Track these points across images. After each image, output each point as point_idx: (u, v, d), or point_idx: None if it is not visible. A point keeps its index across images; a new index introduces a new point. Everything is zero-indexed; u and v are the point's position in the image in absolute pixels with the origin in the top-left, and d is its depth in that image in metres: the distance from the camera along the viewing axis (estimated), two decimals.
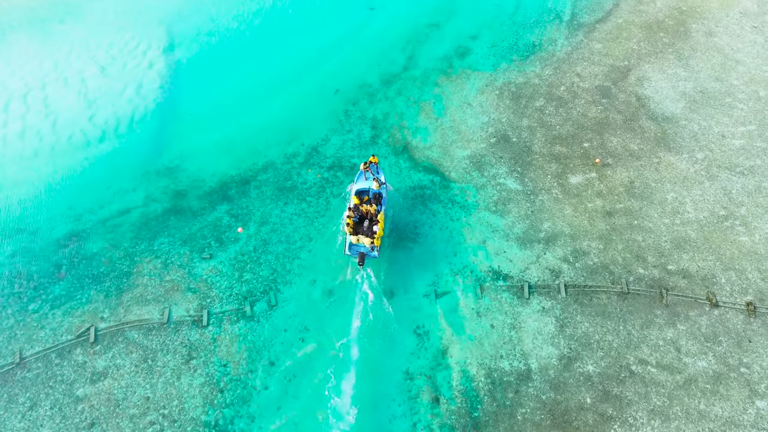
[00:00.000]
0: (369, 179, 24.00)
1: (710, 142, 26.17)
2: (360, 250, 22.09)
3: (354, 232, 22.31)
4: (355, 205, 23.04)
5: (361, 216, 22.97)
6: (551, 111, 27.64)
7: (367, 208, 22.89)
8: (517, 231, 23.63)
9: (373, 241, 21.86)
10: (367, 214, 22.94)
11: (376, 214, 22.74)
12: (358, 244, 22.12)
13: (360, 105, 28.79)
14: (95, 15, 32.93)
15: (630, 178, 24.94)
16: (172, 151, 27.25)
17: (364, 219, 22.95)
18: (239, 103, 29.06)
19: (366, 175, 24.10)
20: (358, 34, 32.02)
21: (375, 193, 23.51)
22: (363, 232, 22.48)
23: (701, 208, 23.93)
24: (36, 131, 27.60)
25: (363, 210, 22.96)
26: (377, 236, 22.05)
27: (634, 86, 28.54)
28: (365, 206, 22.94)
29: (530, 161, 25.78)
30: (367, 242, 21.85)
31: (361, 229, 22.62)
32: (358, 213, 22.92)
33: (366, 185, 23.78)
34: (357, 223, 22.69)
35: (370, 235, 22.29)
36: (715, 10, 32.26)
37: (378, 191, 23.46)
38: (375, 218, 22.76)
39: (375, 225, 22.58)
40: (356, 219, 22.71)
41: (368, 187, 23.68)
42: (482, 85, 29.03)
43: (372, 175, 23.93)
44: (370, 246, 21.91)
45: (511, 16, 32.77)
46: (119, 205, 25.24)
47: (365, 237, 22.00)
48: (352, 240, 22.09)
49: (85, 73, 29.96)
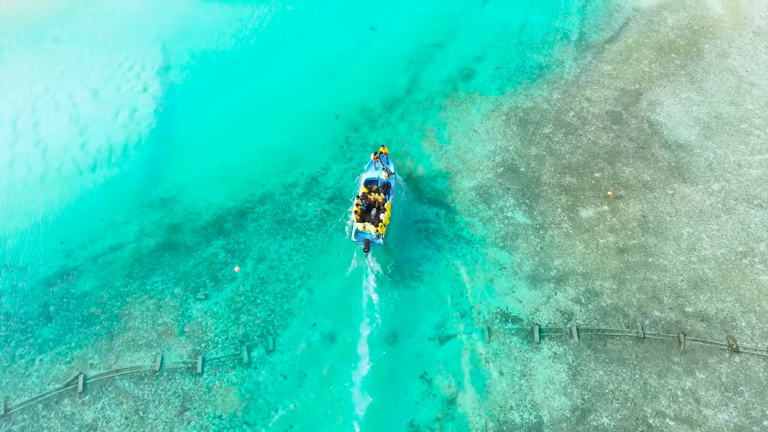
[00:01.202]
0: (379, 169, 24.57)
1: (726, 171, 25.13)
2: (365, 237, 22.64)
3: (361, 219, 22.96)
4: (363, 194, 23.67)
5: (369, 204, 23.54)
6: (560, 138, 26.61)
7: (375, 197, 23.46)
8: (526, 269, 22.62)
9: (378, 229, 22.37)
10: (375, 202, 23.51)
11: (384, 202, 23.29)
12: (364, 232, 22.73)
13: (361, 131, 27.77)
14: (88, 35, 31.92)
15: (643, 212, 23.91)
16: (166, 180, 26.23)
17: (372, 207, 23.55)
18: (236, 129, 28.03)
19: (376, 165, 24.68)
20: (358, 55, 30.98)
21: (384, 183, 24.04)
22: (370, 220, 23.10)
23: (718, 245, 22.90)
24: (25, 160, 26.59)
25: (371, 199, 23.55)
26: (382, 224, 22.52)
27: (646, 111, 27.50)
28: (373, 195, 23.53)
29: (539, 193, 24.75)
30: (373, 230, 22.45)
31: (368, 217, 23.26)
32: (366, 201, 23.51)
33: (375, 175, 24.41)
34: (364, 211, 23.34)
35: (377, 223, 22.83)
36: (728, 29, 31.21)
37: (387, 181, 24.05)
38: (382, 207, 23.31)
39: (382, 213, 23.13)
40: (364, 207, 23.37)
41: (377, 177, 24.23)
42: (488, 110, 28.00)
43: (382, 165, 24.42)
44: (376, 234, 22.50)
45: (517, 35, 31.72)
46: (112, 240, 24.23)
47: (371, 225, 22.57)
48: (358, 227, 22.80)
49: (77, 97, 28.93)
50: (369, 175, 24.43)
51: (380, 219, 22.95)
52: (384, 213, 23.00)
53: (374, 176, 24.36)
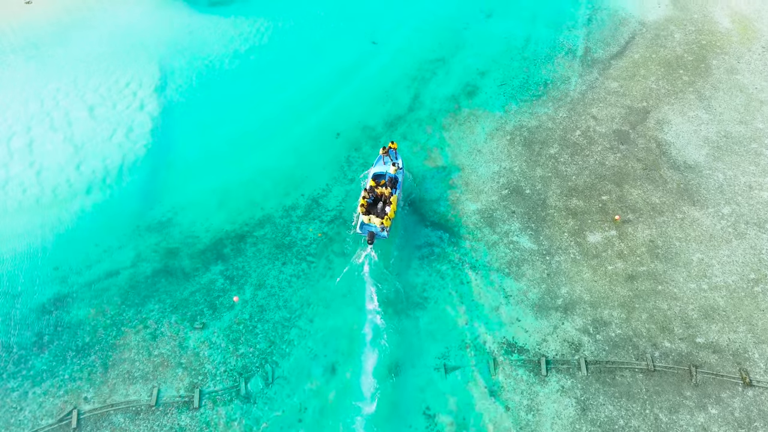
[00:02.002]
0: (387, 164, 25.02)
1: (737, 194, 24.54)
2: (370, 229, 23.15)
3: (367, 212, 23.29)
4: (371, 187, 24.06)
5: (376, 198, 23.93)
6: (566, 159, 26.01)
7: (382, 191, 23.86)
8: (533, 297, 22.03)
9: (383, 222, 22.83)
10: (382, 196, 23.89)
11: (390, 196, 23.67)
12: (369, 224, 23.16)
13: (363, 151, 27.17)
14: (84, 50, 31.28)
15: (652, 237, 23.33)
16: (164, 202, 25.63)
17: (379, 201, 23.92)
18: (235, 148, 27.42)
19: (384, 159, 25.05)
20: (360, 71, 30.36)
21: (391, 177, 24.32)
22: (375, 213, 23.46)
23: (730, 271, 22.31)
24: (20, 181, 25.99)
25: (378, 192, 23.92)
26: (387, 217, 23.04)
27: (654, 131, 26.91)
28: (381, 189, 23.92)
29: (545, 216, 24.17)
30: (378, 222, 22.87)
31: (374, 210, 23.66)
32: (373, 195, 23.90)
33: (384, 169, 24.88)
34: (371, 204, 23.75)
35: (382, 216, 23.25)
36: (736, 44, 30.60)
37: (394, 176, 24.36)
38: (388, 200, 23.65)
39: (388, 207, 23.51)
40: (371, 200, 23.74)
41: (385, 171, 24.71)
42: (492, 129, 27.40)
43: (390, 160, 24.82)
44: (380, 226, 22.95)
45: (521, 50, 31.10)
46: (107, 266, 23.62)
47: (377, 217, 22.98)
48: (364, 219, 23.15)
49: (73, 115, 28.31)
50: (377, 170, 24.98)
51: (386, 212, 23.42)
52: (390, 206, 23.49)
53: (382, 171, 24.91)
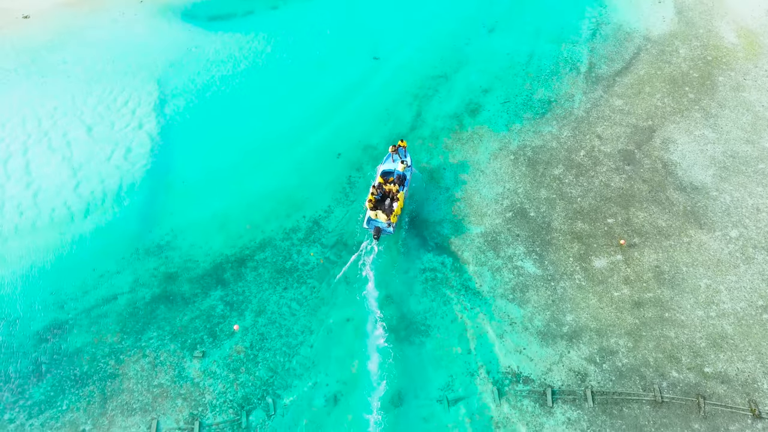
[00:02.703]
0: (396, 161, 25.56)
1: (744, 217, 24.19)
2: (377, 224, 23.67)
3: (374, 207, 23.97)
4: (379, 184, 24.72)
5: (384, 194, 24.55)
6: (571, 180, 25.66)
7: (390, 188, 24.49)
8: (538, 324, 21.68)
9: (390, 218, 23.45)
10: (389, 192, 24.51)
11: (397, 193, 24.39)
12: (376, 220, 23.82)
13: (364, 171, 26.79)
14: (82, 67, 30.94)
15: (659, 261, 22.97)
16: (162, 225, 25.27)
17: (386, 197, 24.55)
18: (235, 169, 27.04)
19: (393, 157, 25.64)
20: (362, 88, 30.00)
21: (399, 175, 25.01)
22: (383, 209, 24.07)
23: (738, 298, 21.96)
24: (17, 204, 25.63)
25: (386, 189, 24.56)
26: (394, 213, 23.69)
27: (660, 150, 26.55)
28: (388, 185, 24.57)
29: (550, 240, 23.81)
30: (384, 218, 23.54)
31: (382, 206, 24.27)
32: (381, 191, 24.54)
33: (392, 167, 25.47)
34: (379, 201, 24.43)
35: (389, 212, 23.90)
36: (742, 60, 30.24)
37: (402, 173, 25.02)
38: (396, 197, 24.35)
39: (395, 203, 24.22)
40: (378, 196, 24.43)
41: (394, 169, 25.32)
42: (496, 149, 27.05)
43: (399, 157, 25.42)
44: (387, 222, 23.57)
45: (524, 66, 30.75)
46: (105, 291, 23.27)
47: (383, 213, 23.65)
48: (371, 215, 23.87)
49: (71, 135, 27.96)
50: (386, 167, 25.59)
51: (393, 209, 24.04)
52: (397, 202, 24.15)
53: (391, 168, 25.52)
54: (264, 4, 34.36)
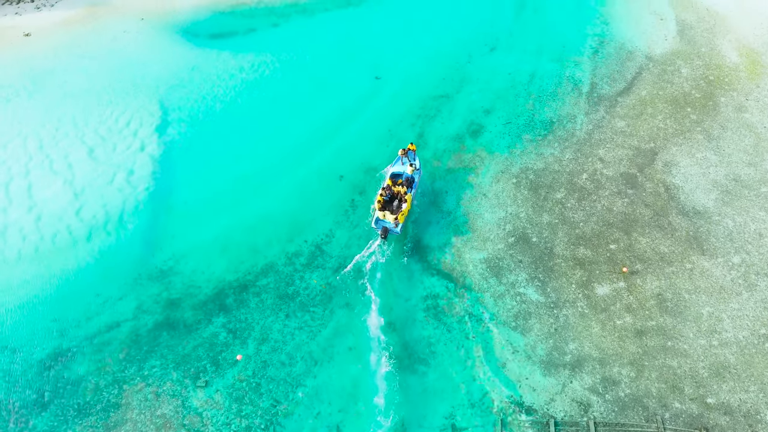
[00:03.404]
0: (405, 164, 26.46)
1: (747, 242, 24.21)
2: (384, 224, 24.47)
3: (382, 208, 24.82)
4: (388, 186, 25.59)
5: (392, 195, 25.47)
6: (573, 204, 25.67)
7: (398, 189, 25.43)
8: (540, 352, 21.70)
9: (397, 218, 24.29)
10: (398, 194, 25.45)
11: (405, 194, 25.29)
12: (384, 220, 24.61)
13: (367, 194, 26.80)
14: (84, 87, 30.94)
15: (661, 288, 22.99)
16: (165, 249, 25.29)
17: (395, 198, 25.46)
18: (237, 192, 27.08)
19: (402, 160, 26.54)
20: (363, 108, 30.01)
21: (407, 177, 25.85)
22: (391, 210, 24.90)
23: (740, 326, 21.99)
24: (19, 228, 25.64)
25: (395, 191, 25.51)
26: (402, 214, 24.56)
27: (662, 173, 26.56)
28: (397, 187, 25.52)
29: (552, 266, 23.83)
30: (391, 218, 24.36)
31: (390, 207, 25.13)
32: (390, 193, 25.43)
33: (401, 169, 26.39)
34: (387, 202, 25.33)
35: (397, 213, 24.77)
36: (744, 80, 30.23)
37: (411, 176, 25.89)
38: (404, 198, 25.24)
39: (403, 204, 25.14)
40: (387, 198, 25.34)
41: (403, 171, 26.22)
42: (498, 172, 27.05)
43: (408, 161, 26.29)
44: (394, 222, 24.36)
45: (526, 86, 30.75)
46: (108, 318, 23.29)
47: (391, 214, 24.49)
48: (379, 215, 24.67)
49: (72, 157, 27.96)
50: (395, 169, 26.46)
51: (401, 210, 24.91)
52: (405, 204, 25.06)
53: (400, 170, 26.40)
54: (265, 21, 34.35)
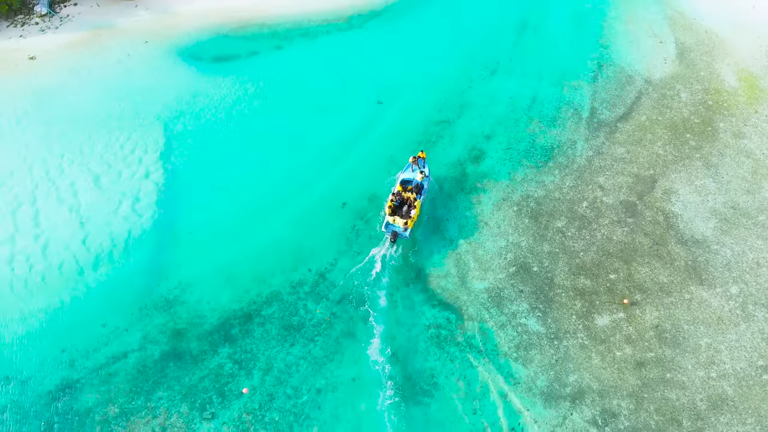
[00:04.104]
0: (415, 171, 27.38)
1: (744, 272, 24.53)
2: (394, 229, 25.62)
3: (392, 213, 25.83)
4: (398, 191, 26.55)
5: (402, 201, 26.38)
6: (574, 233, 25.98)
7: (408, 195, 26.39)
8: (541, 384, 22.04)
9: (407, 223, 25.27)
10: (407, 200, 26.37)
11: (415, 200, 26.29)
12: (394, 224, 25.55)
13: (369, 221, 27.10)
14: (89, 112, 31.13)
15: (660, 319, 23.33)
16: (170, 278, 25.58)
17: (404, 204, 26.40)
18: (240, 220, 27.32)
19: (413, 167, 27.49)
20: (365, 134, 30.25)
21: (417, 184, 26.89)
22: (400, 215, 25.92)
23: (738, 357, 22.33)
24: (26, 257, 25.93)
25: (405, 196, 26.46)
26: (412, 219, 25.50)
27: (661, 201, 26.86)
28: (407, 193, 26.51)
29: (553, 297, 24.16)
30: (401, 223, 25.33)
31: (399, 211, 26.12)
32: (400, 198, 26.40)
33: (411, 176, 27.27)
34: (397, 207, 26.26)
35: (407, 218, 25.73)
36: (743, 105, 30.52)
37: (420, 182, 26.91)
38: (413, 204, 26.22)
39: (412, 210, 26.00)
40: (397, 203, 26.27)
41: (413, 178, 27.12)
42: (499, 199, 27.36)
43: (418, 168, 27.26)
44: (404, 227, 25.35)
45: (526, 110, 31.02)
46: (115, 348, 23.61)
47: (401, 219, 25.37)
48: (389, 220, 25.62)
49: (78, 184, 28.22)
50: (405, 176, 27.39)
51: (410, 215, 25.71)
52: (414, 209, 25.95)
53: (410, 177, 27.30)
54: (268, 44, 34.59)
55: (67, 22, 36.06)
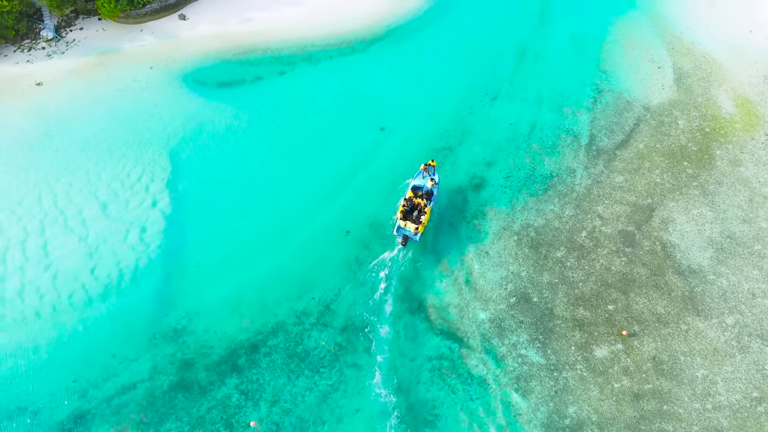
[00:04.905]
0: (426, 178, 28.82)
1: (740, 302, 25.06)
2: (405, 232, 27.12)
3: (404, 217, 27.28)
4: (409, 197, 28.00)
5: (413, 206, 27.84)
6: (573, 263, 26.50)
7: (418, 201, 27.79)
8: (541, 416, 22.59)
9: (417, 228, 26.74)
10: (418, 205, 27.81)
11: (425, 206, 27.66)
12: (405, 228, 27.08)
13: (372, 249, 27.62)
14: (96, 140, 31.63)
15: (657, 351, 23.87)
16: (178, 308, 26.14)
17: (415, 209, 27.82)
18: (246, 249, 27.84)
19: (423, 174, 28.98)
20: (368, 162, 30.72)
21: (427, 190, 28.39)
22: (411, 219, 27.29)
23: (733, 389, 22.87)
24: (36, 287, 26.50)
25: (415, 202, 27.86)
26: (423, 224, 26.97)
27: (659, 231, 27.37)
28: (417, 199, 27.87)
29: (552, 328, 24.69)
30: (412, 227, 26.88)
31: (410, 216, 27.53)
32: (411, 204, 27.88)
33: (422, 183, 28.73)
34: (408, 212, 27.75)
35: (417, 222, 27.17)
36: (740, 132, 30.99)
37: (431, 189, 28.34)
38: (423, 210, 27.59)
39: (422, 215, 27.47)
40: (408, 208, 27.79)
41: (424, 185, 28.59)
42: (499, 228, 27.86)
43: (429, 175, 28.75)
44: (414, 231, 26.86)
45: (526, 138, 31.50)
46: (125, 378, 24.21)
47: (411, 223, 26.83)
48: (401, 224, 27.15)
49: (86, 213, 28.76)
50: (417, 182, 28.82)
51: (420, 220, 27.07)
52: (424, 215, 27.32)
53: (421, 184, 28.74)
54: (271, 69, 35.04)
55: (73, 46, 36.54)
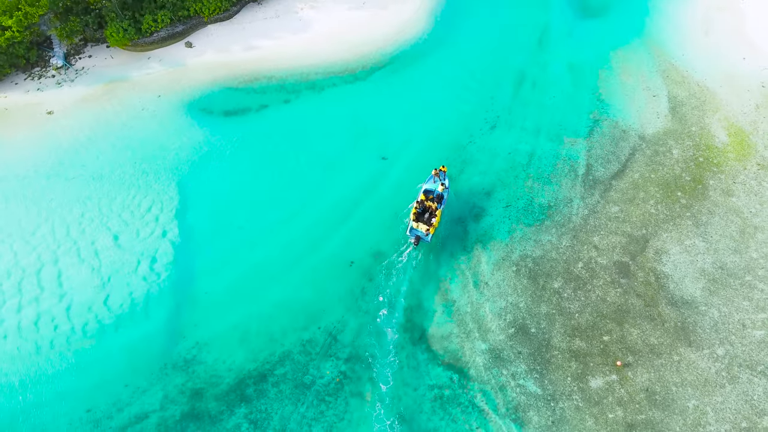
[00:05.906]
0: (437, 183, 30.78)
1: (731, 333, 25.97)
2: (417, 233, 28.98)
3: (416, 219, 29.12)
4: (421, 200, 29.89)
5: (424, 208, 29.66)
6: (569, 294, 27.43)
7: (430, 204, 29.67)
8: None
9: (429, 229, 28.57)
10: (429, 208, 29.68)
11: (436, 209, 29.52)
12: (417, 229, 28.93)
13: (376, 281, 28.53)
14: (106, 169, 32.66)
15: (650, 381, 24.79)
16: (188, 338, 27.09)
17: (426, 211, 29.70)
18: (253, 279, 28.78)
19: (435, 179, 30.92)
20: (371, 192, 31.64)
21: (438, 194, 30.31)
22: (423, 221, 29.22)
23: (723, 419, 23.79)
24: (50, 318, 27.46)
25: (427, 205, 29.71)
26: (433, 226, 28.89)
27: (653, 262, 28.29)
28: (429, 202, 29.74)
29: (549, 358, 25.62)
30: (424, 229, 28.73)
31: (422, 218, 29.42)
32: (422, 206, 29.71)
33: (433, 187, 30.75)
34: (420, 213, 29.58)
35: (429, 224, 29.05)
36: (733, 161, 31.89)
37: (441, 193, 30.29)
38: (434, 212, 29.50)
39: (433, 218, 29.35)
40: (420, 210, 29.61)
41: (435, 189, 30.54)
42: (499, 259, 28.79)
43: (440, 180, 30.68)
44: (426, 232, 28.70)
45: (524, 167, 32.41)
46: (137, 408, 25.15)
47: (423, 224, 28.75)
48: (413, 225, 29.01)
49: (99, 243, 29.73)
50: (428, 186, 30.90)
51: (431, 222, 28.97)
52: (435, 218, 29.24)
53: (432, 188, 30.78)
54: (277, 98, 35.96)
55: (82, 74, 37.47)
